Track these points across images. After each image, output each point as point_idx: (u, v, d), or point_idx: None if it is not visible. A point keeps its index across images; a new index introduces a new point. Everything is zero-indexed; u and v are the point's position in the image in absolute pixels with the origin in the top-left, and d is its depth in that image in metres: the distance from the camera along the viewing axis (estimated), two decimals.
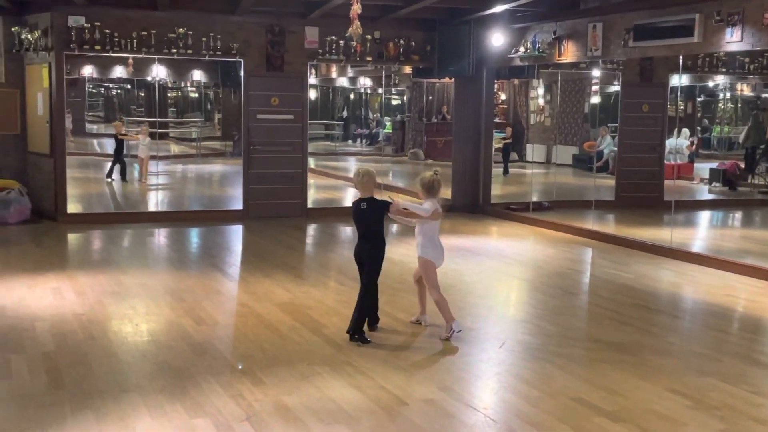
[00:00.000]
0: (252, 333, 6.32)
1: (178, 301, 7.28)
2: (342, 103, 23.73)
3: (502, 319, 7.03)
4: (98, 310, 6.92)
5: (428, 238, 6.38)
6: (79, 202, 13.20)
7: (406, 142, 21.70)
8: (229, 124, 19.73)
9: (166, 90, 20.66)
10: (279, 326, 6.50)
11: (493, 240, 11.28)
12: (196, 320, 6.63)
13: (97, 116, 21.77)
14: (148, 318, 6.71)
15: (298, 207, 12.79)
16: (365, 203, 6.20)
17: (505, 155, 16.97)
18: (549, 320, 6.88)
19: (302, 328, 6.46)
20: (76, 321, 6.54)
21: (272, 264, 9.05)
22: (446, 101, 21.79)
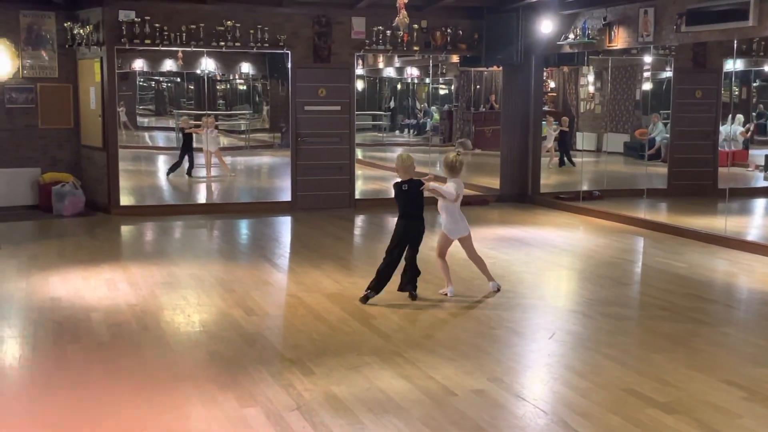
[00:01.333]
0: (301, 323, 6.37)
1: (228, 292, 7.36)
2: (389, 93, 23.69)
3: (552, 309, 6.98)
4: (151, 300, 7.04)
5: (450, 215, 7.15)
6: (131, 194, 13.42)
7: (453, 132, 21.60)
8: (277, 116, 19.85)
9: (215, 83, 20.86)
10: (328, 317, 6.54)
11: (543, 230, 11.19)
12: (246, 311, 6.70)
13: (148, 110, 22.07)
14: (199, 308, 6.80)
15: (345, 198, 12.83)
16: (406, 185, 6.94)
17: (561, 145, 16.74)
18: (599, 311, 6.82)
19: (351, 318, 6.50)
20: (129, 311, 6.67)
21: (321, 255, 9.11)
22: (494, 90, 21.61)
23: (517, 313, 6.72)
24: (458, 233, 7.27)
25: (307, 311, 6.72)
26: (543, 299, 7.34)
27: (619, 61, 15.55)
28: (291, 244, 10.35)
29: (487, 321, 6.45)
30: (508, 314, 6.68)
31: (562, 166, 16.63)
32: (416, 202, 6.97)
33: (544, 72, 15.28)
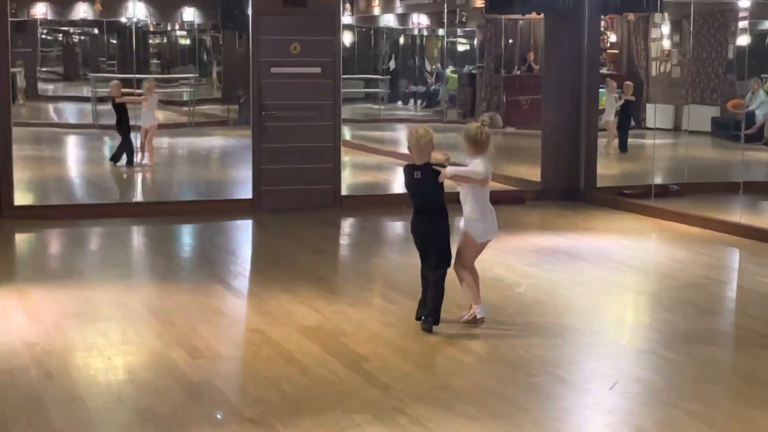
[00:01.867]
0: (266, 369, 6.34)
1: (165, 326, 7.32)
2: (388, 50, 23.68)
3: (613, 348, 6.96)
4: (57, 338, 6.99)
5: (478, 206, 7.15)
6: (30, 190, 13.38)
7: (477, 104, 21.59)
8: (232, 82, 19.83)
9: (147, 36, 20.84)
10: (303, 359, 6.52)
11: (600, 239, 11.15)
12: (189, 352, 6.67)
13: (53, 73, 22.06)
14: (124, 349, 6.77)
15: (328, 195, 12.81)
16: (419, 171, 6.98)
17: (622, 121, 16.74)
18: (679, 350, 6.80)
19: (335, 361, 6.48)
20: (27, 352, 6.63)
21: (293, 274, 9.08)
22: (533, 46, 21.58)
23: (566, 354, 6.69)
24: (488, 234, 7.27)
25: (275, 352, 6.70)
26: (600, 335, 7.31)
27: (704, 7, 15.56)
28: (253, 258, 10.31)
29: (523, 365, 6.43)
30: (553, 355, 6.66)
31: (625, 151, 16.64)
32: (433, 193, 7.03)
33: (602, 21, 15.25)
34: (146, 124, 15.40)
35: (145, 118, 15.41)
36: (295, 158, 12.66)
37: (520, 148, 16.99)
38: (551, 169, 13.74)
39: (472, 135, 7.13)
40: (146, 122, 15.41)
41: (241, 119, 18.13)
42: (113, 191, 14.21)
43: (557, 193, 13.60)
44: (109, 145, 16.42)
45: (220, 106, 20.76)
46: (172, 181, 14.92)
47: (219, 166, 16.67)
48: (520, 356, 6.61)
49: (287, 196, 12.66)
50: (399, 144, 18.97)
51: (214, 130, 19.89)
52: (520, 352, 6.67)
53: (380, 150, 18.20)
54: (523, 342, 6.95)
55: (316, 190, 12.77)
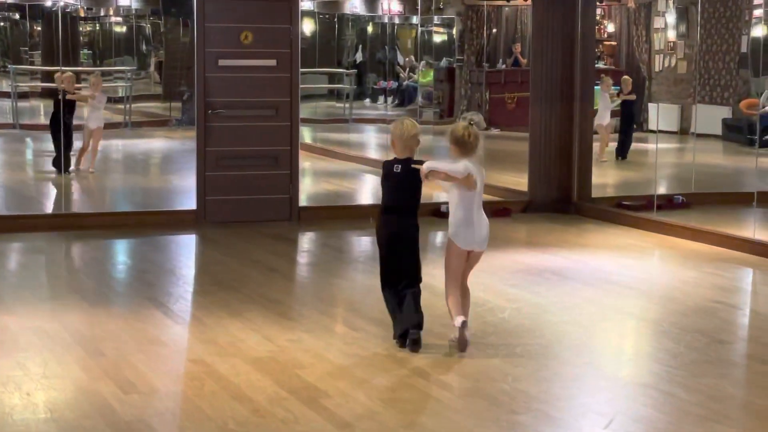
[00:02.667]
0: (210, 406, 6.31)
1: (93, 357, 7.27)
2: (355, 40, 23.73)
3: (609, 382, 6.97)
4: None
5: (464, 211, 7.46)
6: None
7: (456, 102, 21.68)
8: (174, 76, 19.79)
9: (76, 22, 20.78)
10: (253, 395, 6.50)
11: (595, 257, 11.20)
12: (121, 386, 6.63)
13: None
14: (46, 383, 6.71)
15: (284, 206, 12.81)
16: (400, 165, 7.37)
17: (622, 124, 16.75)
18: (685, 384, 6.81)
19: (291, 398, 6.45)
20: None
21: (243, 297, 9.06)
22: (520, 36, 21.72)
23: (554, 389, 6.70)
24: (473, 243, 7.49)
25: (220, 386, 6.68)
26: (594, 366, 7.33)
27: None
28: (196, 278, 10.29)
29: (506, 401, 6.43)
30: (540, 390, 6.67)
31: (625, 158, 16.69)
32: (411, 191, 7.40)
33: (598, 8, 15.36)
34: (93, 125, 15.33)
35: (91, 118, 15.34)
36: (247, 164, 12.64)
37: (505, 153, 17.04)
38: (540, 178, 13.79)
39: (458, 136, 7.35)
40: (93, 123, 15.35)
41: (184, 119, 18.08)
42: (35, 201, 14.12)
43: (547, 205, 13.64)
44: (31, 147, 16.34)
45: (161, 104, 20.71)
46: (104, 189, 14.86)
47: (159, 173, 16.64)
48: (502, 391, 6.61)
49: (237, 207, 12.64)
50: (367, 147, 19.01)
51: (154, 131, 19.84)
52: (503, 387, 6.67)
53: (345, 155, 18.22)
54: (505, 375, 6.94)
55: (271, 201, 12.76)
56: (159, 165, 17.26)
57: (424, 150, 9.30)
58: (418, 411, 6.31)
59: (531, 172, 13.83)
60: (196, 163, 12.61)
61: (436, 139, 18.30)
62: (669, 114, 17.16)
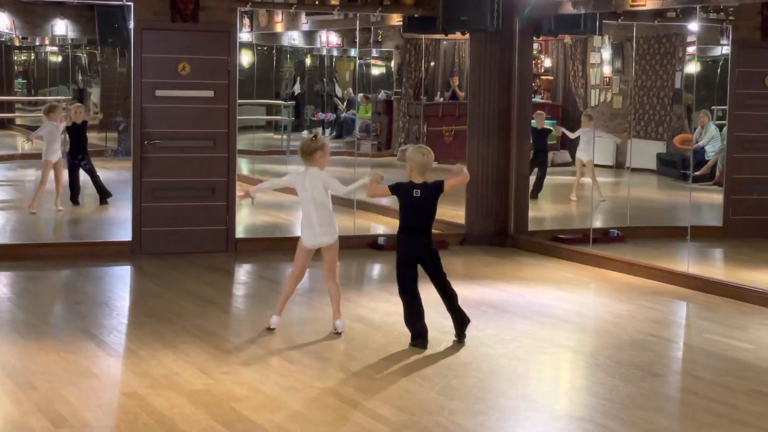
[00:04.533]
0: None
1: (24, 390, 7.19)
2: (293, 72, 23.74)
3: (545, 415, 6.99)
4: None
5: (303, 214, 8.87)
6: None
7: (394, 134, 21.74)
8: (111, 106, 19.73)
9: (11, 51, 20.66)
10: (189, 429, 6.45)
11: (532, 290, 11.24)
12: (53, 420, 6.56)
13: None
14: None
15: (220, 237, 12.75)
16: (419, 189, 8.46)
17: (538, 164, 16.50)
18: (620, 417, 6.85)
19: (225, 431, 6.41)
20: None
21: (178, 329, 9.00)
22: (457, 70, 21.83)
23: (490, 422, 6.71)
24: (314, 240, 8.85)
25: (155, 420, 6.62)
26: (530, 400, 7.34)
27: (648, 30, 15.87)
28: (131, 310, 10.20)
29: None
30: (476, 423, 6.67)
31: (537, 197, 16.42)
32: (431, 211, 8.61)
33: (535, 43, 15.48)
34: (54, 157, 15.12)
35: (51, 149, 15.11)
36: (183, 195, 12.58)
37: None
38: (477, 211, 13.84)
39: (303, 148, 8.82)
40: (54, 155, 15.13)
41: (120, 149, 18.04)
42: None
43: (484, 238, 13.69)
44: None
45: (97, 134, 20.58)
46: (36, 219, 14.69)
47: (93, 203, 16.47)
48: (438, 424, 6.61)
49: (173, 238, 12.57)
50: None
51: None
52: (439, 420, 6.67)
53: None
54: (442, 408, 6.95)
55: (207, 232, 12.70)
56: (93, 195, 17.08)
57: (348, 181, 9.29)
58: None
59: (468, 205, 13.87)
60: (132, 193, 12.53)
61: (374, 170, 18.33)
62: (605, 148, 17.28)
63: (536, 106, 16.04)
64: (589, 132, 15.68)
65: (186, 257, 12.26)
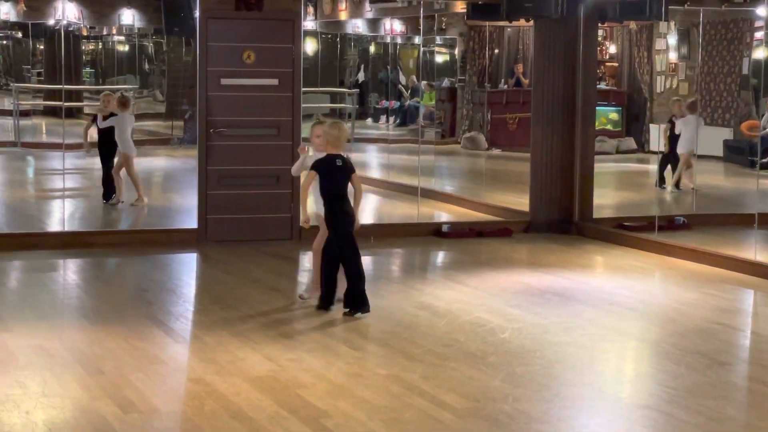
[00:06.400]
0: (210, 425, 6.30)
1: (93, 375, 7.26)
2: (357, 60, 23.80)
3: (609, 403, 6.96)
4: None
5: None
6: None
7: (458, 121, 21.72)
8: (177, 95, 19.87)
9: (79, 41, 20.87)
10: (254, 415, 6.48)
11: (596, 277, 11.18)
12: (121, 405, 6.62)
13: None
14: (45, 401, 6.70)
15: (285, 225, 12.78)
16: (340, 160, 9.00)
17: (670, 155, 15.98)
18: (685, 406, 6.80)
19: (290, 417, 6.44)
20: None
21: (244, 316, 9.04)
22: (522, 57, 21.76)
23: (554, 409, 6.68)
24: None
25: (221, 406, 6.66)
26: (595, 388, 7.30)
27: (716, 15, 15.72)
28: (197, 298, 10.27)
29: (506, 422, 6.42)
30: (540, 411, 6.66)
31: None
32: (347, 182, 9.06)
33: (600, 29, 15.38)
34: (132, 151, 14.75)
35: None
36: (248, 183, 12.62)
37: (506, 173, 17.08)
38: (542, 198, 13.77)
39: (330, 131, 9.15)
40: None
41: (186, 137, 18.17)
42: (36, 219, 14.13)
43: (548, 225, 13.61)
44: (32, 166, 16.31)
45: (164, 123, 20.76)
46: (106, 207, 14.82)
47: (160, 191, 16.63)
48: (502, 411, 6.59)
49: (238, 225, 12.62)
50: (368, 167, 19.01)
51: (156, 149, 19.88)
52: (503, 407, 6.65)
53: None
54: (506, 395, 6.93)
55: (272, 220, 12.74)
56: (161, 183, 17.26)
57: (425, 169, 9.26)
58: (418, 431, 6.28)
59: (532, 192, 13.81)
60: (198, 181, 12.60)
61: (438, 158, 18.35)
62: None
63: (601, 93, 15.91)
64: (694, 120, 15.38)
65: (251, 245, 12.31)
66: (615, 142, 19.21)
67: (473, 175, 18.91)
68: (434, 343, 8.15)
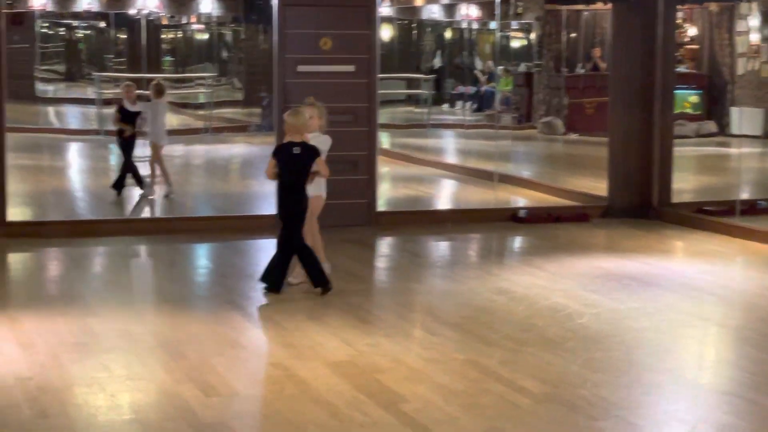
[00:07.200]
0: (290, 409, 6.35)
1: (175, 359, 7.35)
2: (433, 45, 23.73)
3: (689, 389, 6.90)
4: (54, 371, 7.03)
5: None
6: (25, 204, 13.49)
7: (535, 106, 21.58)
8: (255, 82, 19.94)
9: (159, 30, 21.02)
10: (332, 399, 6.52)
11: (676, 262, 11.08)
12: (203, 389, 6.70)
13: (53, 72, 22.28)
14: (129, 384, 6.80)
15: (362, 211, 12.82)
16: (298, 147, 8.94)
17: None
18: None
19: (368, 402, 6.47)
20: (19, 388, 6.67)
21: (322, 301, 9.10)
22: (599, 41, 21.55)
23: (634, 395, 6.64)
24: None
25: (300, 390, 6.70)
26: (675, 373, 7.25)
27: None
28: None
29: (585, 407, 6.39)
30: (620, 396, 6.62)
31: None
32: (306, 169, 9.02)
33: (679, 11, 15.20)
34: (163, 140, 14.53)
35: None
36: None
37: (583, 158, 16.98)
38: (620, 183, 13.67)
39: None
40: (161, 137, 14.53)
41: (264, 124, 18.19)
42: (119, 206, 14.29)
43: (626, 210, 13.52)
44: (115, 154, 16.52)
45: (242, 110, 20.85)
46: (185, 194, 14.96)
47: (239, 178, 16.74)
48: (581, 397, 6.57)
49: None
50: (445, 153, 19.01)
51: (234, 136, 19.99)
52: (582, 393, 6.63)
53: (424, 160, 18.21)
54: (585, 381, 6.90)
55: (349, 205, 12.77)
56: (239, 170, 17.38)
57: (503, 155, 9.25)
58: (497, 416, 6.28)
59: (610, 177, 13.71)
60: None
61: (514, 144, 18.28)
62: (752, 118, 16.95)
63: (680, 76, 15.74)
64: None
65: (328, 230, 12.31)
66: (695, 126, 18.97)
67: (550, 160, 18.83)
68: (512, 328, 8.14)
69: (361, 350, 7.59)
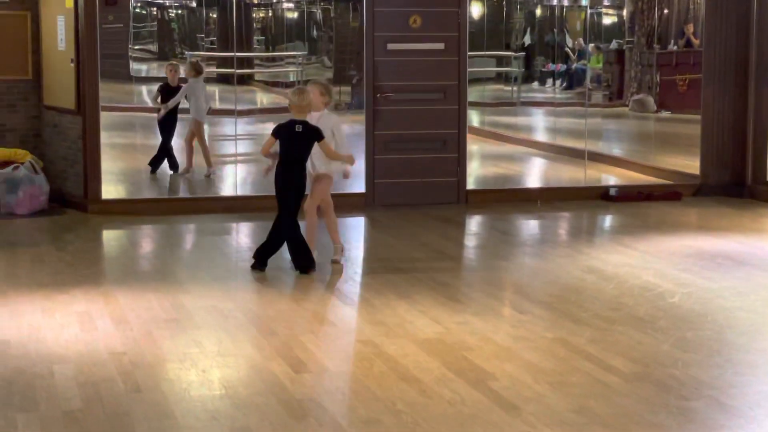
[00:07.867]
0: (379, 387, 6.37)
1: (266, 336, 7.42)
2: (523, 23, 23.57)
3: None
4: (147, 347, 7.14)
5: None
6: (120, 182, 13.68)
7: (626, 84, 21.34)
8: (344, 60, 19.95)
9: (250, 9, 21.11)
10: (421, 376, 6.53)
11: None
12: (293, 365, 6.74)
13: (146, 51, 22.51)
14: (220, 361, 6.88)
15: (452, 189, 12.82)
16: (300, 126, 9.01)
17: None
18: None
19: (457, 379, 6.47)
20: (113, 363, 6.78)
21: (412, 279, 9.11)
22: (692, 17, 21.23)
23: (727, 375, 6.57)
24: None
25: (389, 367, 6.73)
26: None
27: None
28: (365, 261, 10.38)
29: (676, 387, 6.33)
30: (712, 376, 6.55)
31: None
32: (308, 147, 9.12)
33: None
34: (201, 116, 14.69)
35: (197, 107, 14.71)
36: (415, 147, 12.69)
37: (675, 136, 16.73)
38: (713, 161, 13.53)
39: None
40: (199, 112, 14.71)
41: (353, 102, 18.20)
42: (210, 184, 14.41)
43: (719, 189, 13.37)
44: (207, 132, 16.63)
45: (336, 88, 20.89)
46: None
47: None
48: (672, 376, 6.51)
49: (405, 190, 12.70)
50: (535, 131, 18.88)
51: None
52: (673, 372, 6.57)
53: (513, 138, 18.11)
54: (676, 360, 6.84)
55: (439, 184, 12.78)
56: None
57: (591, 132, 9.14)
58: (586, 395, 6.24)
59: (703, 155, 13.57)
60: (365, 146, 12.71)
61: (605, 121, 18.10)
62: None
63: None
64: None
65: (418, 209, 12.37)
66: None
67: (641, 137, 18.59)
68: (601, 306, 8.09)
69: (449, 328, 7.60)
